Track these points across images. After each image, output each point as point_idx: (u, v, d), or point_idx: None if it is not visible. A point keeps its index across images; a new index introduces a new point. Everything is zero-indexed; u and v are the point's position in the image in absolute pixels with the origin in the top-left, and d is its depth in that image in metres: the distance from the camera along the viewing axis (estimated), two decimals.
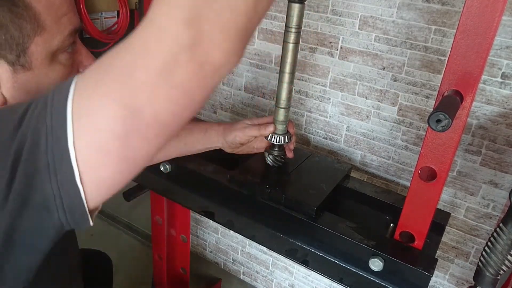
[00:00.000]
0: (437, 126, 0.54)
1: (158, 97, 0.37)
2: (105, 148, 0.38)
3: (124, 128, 0.38)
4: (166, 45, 0.36)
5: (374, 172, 1.14)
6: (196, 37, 0.36)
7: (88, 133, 0.39)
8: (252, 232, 0.88)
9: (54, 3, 0.54)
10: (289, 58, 0.81)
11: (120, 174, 0.41)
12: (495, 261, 0.68)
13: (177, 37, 0.35)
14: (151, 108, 0.37)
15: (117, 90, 0.37)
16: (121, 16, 2.36)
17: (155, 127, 0.39)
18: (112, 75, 0.38)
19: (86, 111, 0.39)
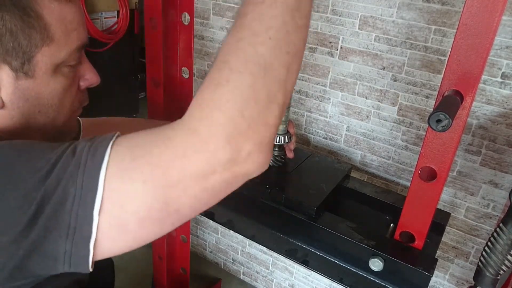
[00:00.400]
0: (437, 126, 0.54)
1: (187, 195, 0.41)
2: (125, 227, 0.42)
3: (148, 215, 0.41)
4: (206, 157, 0.39)
5: (374, 172, 1.14)
6: (234, 155, 0.40)
7: (114, 209, 0.42)
8: (252, 232, 0.88)
9: (65, 17, 0.54)
10: None
11: (128, 248, 0.45)
12: (495, 261, 0.68)
13: (217, 152, 0.39)
14: (177, 203, 0.41)
15: (152, 181, 0.40)
16: (121, 16, 2.36)
17: (174, 217, 0.43)
18: (149, 163, 0.41)
19: (117, 187, 0.42)
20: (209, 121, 0.40)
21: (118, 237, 0.43)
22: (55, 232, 0.43)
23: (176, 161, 0.40)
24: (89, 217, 0.42)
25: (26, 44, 0.52)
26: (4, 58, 0.52)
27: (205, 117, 0.40)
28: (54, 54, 0.54)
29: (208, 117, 0.40)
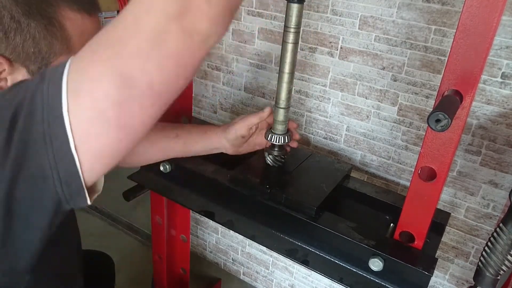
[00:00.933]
0: (437, 126, 0.54)
1: (150, 66, 0.39)
2: (103, 116, 0.40)
3: (120, 96, 0.39)
4: (155, 16, 0.38)
5: (374, 172, 1.14)
6: (183, 7, 0.38)
7: (85, 102, 0.40)
8: (252, 232, 0.88)
9: (85, 30, 0.58)
10: (288, 58, 0.81)
11: (118, 143, 0.42)
12: (495, 261, 0.68)
13: (165, 7, 0.38)
14: (145, 77, 0.39)
15: (112, 59, 0.39)
16: None
17: (150, 95, 0.41)
18: (106, 46, 0.40)
19: (82, 80, 0.40)
20: None
21: (100, 129, 0.41)
22: (33, 146, 0.42)
23: (129, 29, 0.39)
24: (60, 118, 0.40)
25: (46, 51, 0.55)
26: (24, 62, 0.54)
27: None
28: None
29: None
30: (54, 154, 0.41)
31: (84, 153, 0.42)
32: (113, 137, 0.42)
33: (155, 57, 0.39)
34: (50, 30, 0.55)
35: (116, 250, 1.73)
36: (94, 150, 0.42)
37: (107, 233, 1.87)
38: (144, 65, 0.39)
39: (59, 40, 0.55)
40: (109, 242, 1.80)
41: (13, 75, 0.55)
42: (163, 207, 1.19)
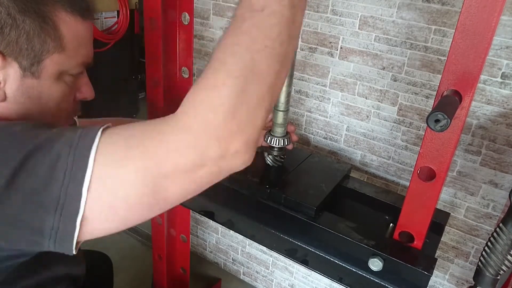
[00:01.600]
0: (436, 126, 0.54)
1: (175, 185, 0.45)
2: (116, 211, 0.45)
3: (138, 202, 0.45)
4: (197, 154, 0.43)
5: (374, 172, 1.14)
6: (223, 152, 0.44)
7: (105, 193, 0.44)
8: (252, 232, 0.88)
9: (78, 33, 0.60)
10: None
11: (116, 229, 0.48)
12: (495, 261, 0.68)
13: (207, 149, 0.43)
14: (167, 193, 0.45)
15: (144, 170, 0.44)
16: (121, 16, 2.36)
17: (162, 205, 0.47)
18: (142, 154, 0.44)
19: (110, 172, 0.44)
20: (203, 121, 0.43)
21: (107, 219, 0.46)
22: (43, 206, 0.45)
23: (169, 155, 0.43)
24: (78, 193, 0.44)
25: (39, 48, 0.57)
26: (16, 57, 0.56)
27: (199, 117, 0.43)
28: (61, 62, 0.60)
29: (202, 117, 0.43)
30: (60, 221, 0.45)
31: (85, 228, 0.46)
32: (114, 226, 0.47)
33: (182, 181, 0.45)
34: (44, 28, 0.56)
35: (116, 250, 1.73)
36: (93, 229, 0.47)
37: None
38: (171, 185, 0.44)
39: (52, 38, 0.57)
40: (109, 242, 1.80)
41: (6, 69, 0.56)
42: None
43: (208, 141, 0.43)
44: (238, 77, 0.43)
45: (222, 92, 0.43)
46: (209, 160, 0.44)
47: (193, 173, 0.44)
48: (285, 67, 0.47)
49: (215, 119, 0.43)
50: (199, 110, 0.43)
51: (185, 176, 0.44)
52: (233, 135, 0.44)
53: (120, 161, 0.44)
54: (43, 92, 0.60)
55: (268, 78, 0.45)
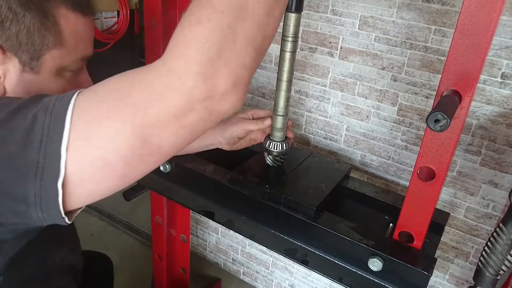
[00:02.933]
0: (436, 126, 0.54)
1: (166, 132, 0.43)
2: (109, 167, 0.43)
3: (131, 154, 0.43)
4: (183, 96, 0.41)
5: (374, 172, 1.14)
6: (210, 93, 0.42)
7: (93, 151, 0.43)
8: (252, 232, 0.88)
9: (78, 29, 0.60)
10: (286, 67, 0.82)
11: (114, 188, 0.46)
12: (495, 261, 0.68)
13: (193, 90, 0.41)
14: (158, 140, 0.43)
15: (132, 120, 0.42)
16: (121, 16, 2.36)
17: (157, 155, 0.45)
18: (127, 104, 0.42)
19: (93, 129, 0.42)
20: (187, 60, 0.41)
21: (104, 177, 0.44)
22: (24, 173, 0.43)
23: (154, 101, 0.42)
24: (57, 154, 0.42)
25: (39, 43, 0.57)
26: (16, 52, 0.56)
27: (183, 56, 0.41)
28: (61, 57, 0.59)
29: (186, 56, 0.41)
30: (41, 186, 0.43)
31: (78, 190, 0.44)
32: (112, 184, 0.45)
33: (174, 127, 0.43)
34: (45, 24, 0.56)
35: (116, 250, 1.73)
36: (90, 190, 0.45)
37: (107, 233, 1.88)
38: (161, 132, 0.43)
39: (52, 34, 0.57)
40: (109, 242, 1.81)
41: (5, 64, 0.56)
42: (163, 207, 1.19)
43: (194, 81, 0.41)
44: (224, 12, 0.41)
45: (206, 28, 0.41)
46: (196, 101, 0.42)
47: (183, 118, 0.42)
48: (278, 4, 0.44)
49: (199, 56, 0.40)
50: (182, 48, 0.41)
51: (174, 122, 0.42)
52: (219, 73, 0.41)
53: (105, 114, 0.42)
54: (43, 88, 0.59)
55: (257, 15, 0.42)
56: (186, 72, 0.41)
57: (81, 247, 0.89)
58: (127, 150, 0.42)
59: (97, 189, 0.45)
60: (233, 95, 0.43)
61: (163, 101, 0.41)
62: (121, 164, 0.43)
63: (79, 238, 0.87)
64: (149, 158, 0.44)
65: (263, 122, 0.91)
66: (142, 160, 0.44)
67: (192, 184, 0.96)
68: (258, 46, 0.43)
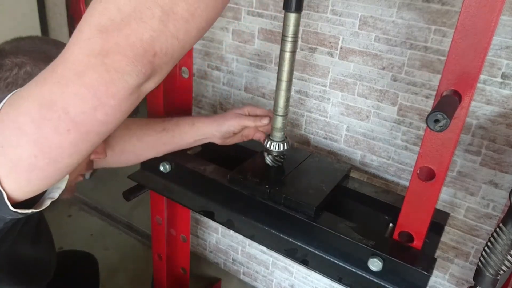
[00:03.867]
0: (435, 126, 0.54)
1: (68, 92, 0.43)
2: (21, 130, 0.44)
3: (38, 115, 0.43)
4: (80, 48, 0.42)
5: (374, 172, 1.14)
6: (104, 43, 0.41)
7: (10, 115, 0.45)
8: (252, 232, 0.88)
9: None
10: (286, 67, 0.82)
11: (33, 158, 0.46)
12: (495, 261, 0.68)
13: (89, 40, 0.41)
14: (62, 101, 0.43)
15: (38, 83, 0.44)
16: None
17: (66, 121, 0.44)
18: (43, 71, 0.44)
19: (14, 98, 0.45)
20: (89, 13, 0.42)
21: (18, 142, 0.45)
22: None
23: (60, 57, 0.43)
24: None
25: None
26: None
27: (88, 10, 0.43)
28: None
29: (90, 8, 0.43)
30: None
31: (1, 158, 0.46)
32: (28, 150, 0.45)
33: (73, 85, 0.42)
34: None
35: (116, 250, 1.73)
36: (11, 159, 0.46)
37: (107, 233, 1.87)
38: (62, 91, 0.42)
39: None
40: (109, 242, 1.80)
41: None
42: (163, 207, 1.19)
43: (89, 31, 0.42)
44: None
45: None
46: (91, 54, 0.42)
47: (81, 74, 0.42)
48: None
49: (99, 7, 0.42)
50: (91, 3, 0.43)
51: (74, 79, 0.42)
52: (114, 26, 0.41)
53: (28, 84, 0.45)
54: None
55: None
56: (85, 23, 0.42)
57: (81, 247, 0.89)
58: (35, 110, 0.43)
59: (17, 157, 0.46)
60: (127, 49, 0.42)
61: (66, 56, 0.42)
62: (31, 126, 0.44)
63: (79, 238, 0.87)
64: (58, 124, 0.44)
65: (260, 120, 0.91)
66: (51, 125, 0.44)
67: (192, 184, 0.96)
68: (165, 6, 0.41)
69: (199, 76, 1.36)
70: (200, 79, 1.36)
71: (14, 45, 0.68)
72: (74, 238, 1.78)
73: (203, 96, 1.39)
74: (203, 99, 1.39)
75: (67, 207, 2.00)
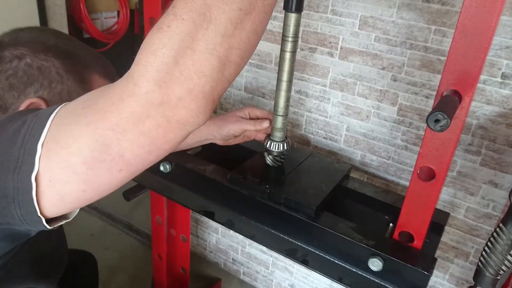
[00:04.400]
0: (436, 126, 0.54)
1: (126, 139, 0.43)
2: (72, 168, 0.44)
3: (92, 157, 0.44)
4: (138, 100, 0.42)
5: (374, 172, 1.14)
6: (165, 98, 0.42)
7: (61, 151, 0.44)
8: (252, 232, 0.88)
9: None
10: (286, 67, 0.82)
11: (82, 193, 0.47)
12: (495, 261, 0.68)
13: (148, 95, 0.42)
14: (118, 147, 0.43)
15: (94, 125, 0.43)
16: (121, 16, 2.37)
17: (119, 163, 0.45)
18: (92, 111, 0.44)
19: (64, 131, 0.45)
20: (143, 65, 0.42)
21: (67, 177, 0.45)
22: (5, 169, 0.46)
23: (113, 105, 0.42)
24: (34, 149, 0.44)
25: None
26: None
27: (140, 62, 0.42)
28: None
29: (143, 61, 0.42)
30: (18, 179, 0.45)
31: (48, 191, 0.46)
32: (78, 187, 0.46)
33: (132, 133, 0.43)
34: (82, 87, 0.70)
35: (116, 250, 1.73)
36: (58, 192, 0.46)
37: (107, 233, 1.87)
38: (119, 137, 0.43)
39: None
40: (109, 242, 1.80)
41: None
42: (163, 207, 1.19)
43: (148, 85, 0.41)
44: (185, 19, 0.41)
45: (165, 34, 0.41)
46: (151, 107, 0.42)
47: (140, 123, 0.42)
48: (249, 16, 0.43)
49: (155, 61, 0.41)
50: (142, 55, 0.42)
51: (132, 127, 0.43)
52: (174, 80, 0.41)
53: (75, 118, 0.44)
54: None
55: (222, 25, 0.42)
56: (141, 77, 0.42)
57: (81, 247, 0.90)
58: (88, 153, 0.43)
59: (65, 192, 0.46)
60: (191, 103, 0.43)
61: (121, 106, 0.42)
62: (83, 167, 0.44)
63: (79, 238, 0.88)
64: (111, 165, 0.44)
65: (261, 123, 0.92)
66: (104, 166, 0.44)
67: (192, 184, 0.96)
68: (222, 56, 0.43)
69: None
70: None
71: (13, 37, 0.68)
72: (74, 238, 1.78)
73: None
74: None
75: None
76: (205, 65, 0.42)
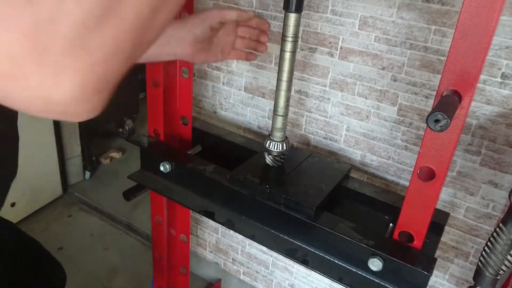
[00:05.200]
0: (436, 126, 0.54)
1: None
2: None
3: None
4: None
5: (374, 172, 1.14)
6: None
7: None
8: (252, 232, 0.88)
9: None
10: (286, 67, 0.82)
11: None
12: (494, 261, 0.68)
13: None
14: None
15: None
16: None
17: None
18: None
19: None
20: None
21: None
22: None
23: None
24: None
25: None
26: None
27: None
28: None
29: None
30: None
31: None
32: None
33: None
34: None
35: (116, 250, 1.73)
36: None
37: (107, 233, 1.87)
38: None
39: None
40: (109, 242, 1.81)
41: None
42: (163, 207, 1.19)
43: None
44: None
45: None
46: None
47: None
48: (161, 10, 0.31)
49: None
50: None
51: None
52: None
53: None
54: None
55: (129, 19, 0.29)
56: None
57: (81, 247, 0.88)
58: None
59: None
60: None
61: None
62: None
63: (79, 238, 0.86)
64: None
65: (246, 12, 0.80)
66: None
67: (192, 184, 0.96)
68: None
69: (199, 76, 1.36)
70: (200, 79, 1.37)
71: None
72: (74, 238, 1.78)
73: (203, 96, 1.39)
74: (203, 99, 1.39)
75: (67, 207, 2.00)
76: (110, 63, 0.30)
